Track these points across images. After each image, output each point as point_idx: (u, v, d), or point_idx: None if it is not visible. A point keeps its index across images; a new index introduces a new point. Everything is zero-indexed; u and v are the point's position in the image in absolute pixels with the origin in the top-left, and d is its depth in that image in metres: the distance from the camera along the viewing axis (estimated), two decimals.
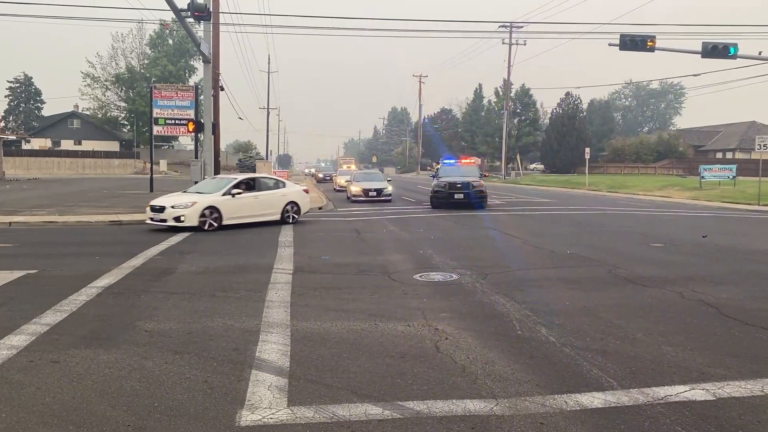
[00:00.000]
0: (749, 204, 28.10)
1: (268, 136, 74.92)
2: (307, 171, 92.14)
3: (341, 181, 37.82)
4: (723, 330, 6.66)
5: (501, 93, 77.69)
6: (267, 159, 62.59)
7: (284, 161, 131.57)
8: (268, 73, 74.61)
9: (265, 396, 4.75)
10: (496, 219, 20.27)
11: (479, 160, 59.81)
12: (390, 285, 9.11)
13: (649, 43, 23.10)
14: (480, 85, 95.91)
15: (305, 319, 7.03)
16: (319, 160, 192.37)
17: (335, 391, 4.87)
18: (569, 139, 72.42)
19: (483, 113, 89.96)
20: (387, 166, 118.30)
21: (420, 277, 9.70)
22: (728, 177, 38.23)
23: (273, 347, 5.99)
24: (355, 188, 28.84)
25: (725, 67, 26.55)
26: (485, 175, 30.11)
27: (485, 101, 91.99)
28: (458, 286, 9.01)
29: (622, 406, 4.55)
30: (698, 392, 4.78)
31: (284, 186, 18.98)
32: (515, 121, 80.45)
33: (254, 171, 37.46)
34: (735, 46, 23.20)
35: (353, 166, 59.23)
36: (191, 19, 20.55)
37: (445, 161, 28.47)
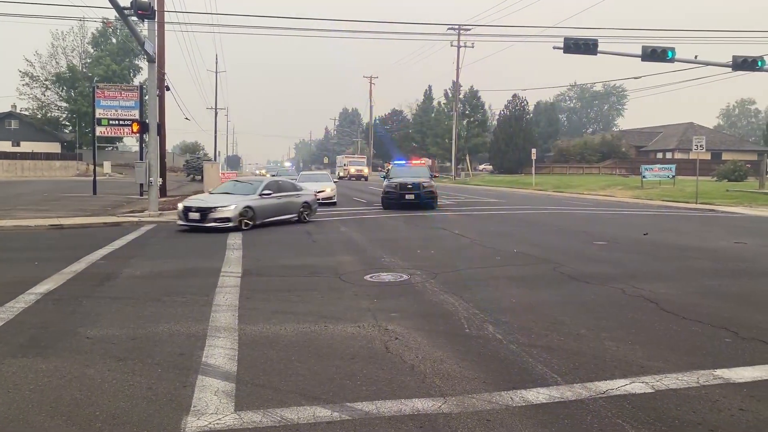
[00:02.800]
0: (687, 202, 29.22)
1: (216, 136, 73.75)
2: (257, 172, 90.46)
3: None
4: (662, 324, 6.91)
5: (450, 95, 78.63)
6: (215, 160, 61.40)
7: (233, 162, 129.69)
8: (216, 73, 73.29)
9: (211, 401, 4.67)
10: (446, 219, 20.49)
11: (430, 161, 60.28)
12: (340, 286, 9.09)
13: (592, 47, 23.74)
14: (430, 86, 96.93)
15: (253, 323, 6.95)
16: (269, 161, 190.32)
17: (284, 394, 4.83)
18: (516, 140, 73.83)
19: (433, 115, 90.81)
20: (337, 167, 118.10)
21: (370, 278, 9.72)
22: (668, 176, 39.66)
23: (220, 352, 5.90)
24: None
25: (664, 70, 27.51)
26: (435, 176, 30.37)
27: (435, 103, 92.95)
28: (408, 286, 9.06)
29: (565, 400, 4.66)
30: (638, 385, 4.94)
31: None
32: (464, 122, 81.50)
33: (201, 172, 36.60)
34: (672, 49, 24.07)
35: (365, 170, 65.05)
36: (135, 18, 19.99)
37: (396, 162, 28.62)
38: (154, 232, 16.77)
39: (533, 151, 49.47)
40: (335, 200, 26.53)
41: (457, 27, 59.87)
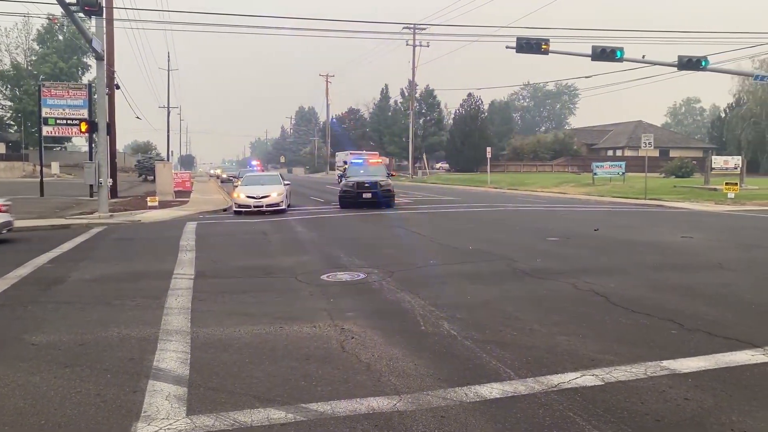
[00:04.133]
0: (637, 198, 30.05)
1: (168, 135, 72.23)
2: (212, 172, 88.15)
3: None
4: (611, 318, 7.08)
5: (407, 94, 78.92)
6: (168, 160, 60.15)
7: (187, 162, 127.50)
8: (168, 71, 71.91)
9: (162, 406, 4.57)
10: (403, 217, 20.57)
11: (387, 159, 60.41)
12: (296, 287, 9.02)
13: (543, 46, 24.17)
14: (386, 85, 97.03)
15: (207, 326, 6.83)
16: (224, 161, 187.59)
17: (237, 397, 4.77)
18: (472, 139, 74.62)
19: (390, 113, 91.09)
20: (296, 166, 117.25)
21: (327, 277, 9.67)
22: (618, 173, 40.72)
23: (172, 355, 5.78)
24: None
25: (614, 69, 28.22)
26: (392, 175, 30.45)
27: (392, 102, 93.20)
28: (365, 285, 9.06)
29: (518, 395, 4.73)
30: (588, 378, 5.05)
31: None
32: (421, 121, 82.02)
33: (153, 173, 35.76)
34: (621, 49, 24.69)
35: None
36: (81, 14, 19.41)
37: (353, 161, 28.58)
38: (104, 234, 16.34)
39: (488, 149, 50.08)
40: (283, 206, 22.55)
41: (412, 26, 60.14)
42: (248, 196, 22.20)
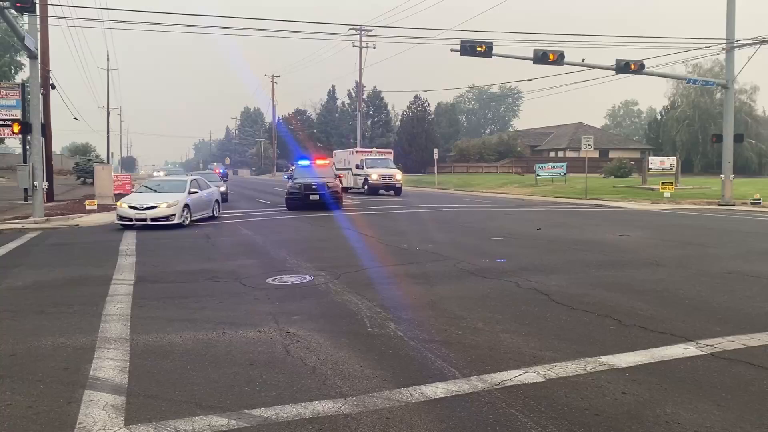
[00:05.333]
0: (578, 198, 30.90)
1: (108, 137, 70.02)
2: (155, 174, 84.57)
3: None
4: (553, 315, 7.24)
5: (354, 95, 78.99)
6: (108, 162, 58.30)
7: (128, 164, 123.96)
8: (107, 70, 69.64)
9: (98, 417, 4.41)
10: (351, 219, 20.53)
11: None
12: (241, 291, 8.87)
13: (486, 49, 24.54)
14: (333, 86, 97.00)
15: (147, 332, 6.64)
16: (167, 163, 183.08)
17: (178, 405, 4.64)
18: (419, 141, 75.25)
19: (337, 114, 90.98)
20: (242, 167, 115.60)
21: (273, 280, 9.55)
22: (560, 174, 41.77)
23: (110, 364, 5.59)
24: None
25: (555, 72, 28.98)
26: (340, 176, 30.35)
27: (339, 103, 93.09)
28: (311, 288, 8.99)
29: (463, 393, 4.77)
30: (530, 375, 5.14)
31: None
32: (369, 122, 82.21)
33: (92, 175, 34.53)
34: (562, 53, 25.33)
35: (398, 173, 36.31)
36: (13, 11, 18.61)
37: (299, 162, 28.36)
38: (39, 239, 15.70)
39: (435, 150, 50.62)
40: (174, 220, 17.68)
41: (358, 27, 60.12)
42: (131, 207, 17.90)
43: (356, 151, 40.58)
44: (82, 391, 4.93)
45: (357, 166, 37.72)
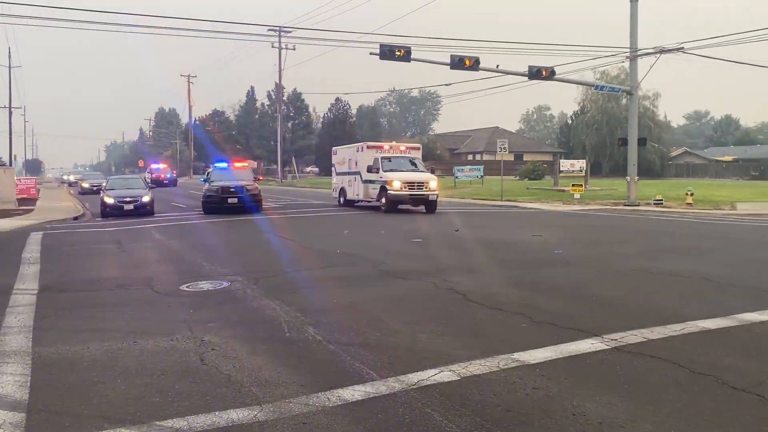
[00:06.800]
0: (494, 200, 31.80)
1: (11, 138, 65.73)
2: (65, 178, 73.39)
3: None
4: (469, 314, 7.41)
5: (274, 96, 78.03)
6: (11, 165, 54.83)
7: (33, 167, 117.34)
8: (9, 68, 65.48)
9: None
10: (271, 222, 20.26)
11: (254, 163, 59.27)
12: (153, 299, 8.56)
13: (404, 54, 24.83)
14: (252, 87, 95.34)
15: (51, 344, 6.28)
16: (76, 165, 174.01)
17: (84, 419, 4.43)
18: (341, 143, 75.07)
19: (257, 116, 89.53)
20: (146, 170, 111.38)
21: (187, 287, 9.27)
22: (477, 176, 42.89)
23: (9, 379, 5.25)
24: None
25: (472, 78, 29.75)
26: (259, 179, 29.85)
27: (258, 104, 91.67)
28: (228, 294, 8.79)
29: (380, 395, 4.80)
30: (446, 374, 5.24)
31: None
32: (289, 124, 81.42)
33: None
34: (477, 59, 25.99)
35: (431, 180, 24.18)
36: None
37: (217, 164, 27.67)
38: None
39: None
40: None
41: (277, 28, 59.47)
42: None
43: (368, 147, 26.75)
44: None
45: (369, 169, 24.59)
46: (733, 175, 67.20)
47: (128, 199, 22.62)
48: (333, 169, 30.21)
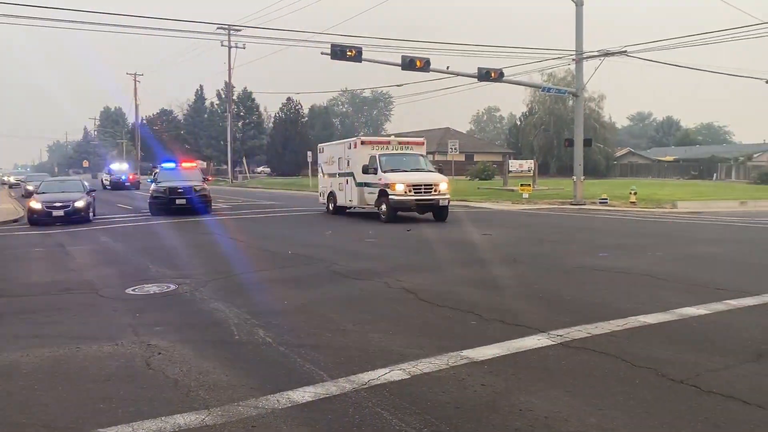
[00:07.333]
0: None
1: None
2: (6, 179, 69.73)
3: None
4: (419, 313, 7.48)
5: (223, 95, 76.89)
6: None
7: None
8: None
9: None
10: (221, 223, 19.96)
11: (203, 163, 58.25)
12: (98, 303, 8.33)
13: (356, 54, 24.82)
14: (201, 86, 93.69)
15: None
16: (16, 166, 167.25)
17: (23, 428, 4.28)
18: (293, 143, 74.76)
19: (206, 115, 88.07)
20: (102, 171, 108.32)
21: (133, 290, 9.05)
22: None
23: None
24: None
25: (423, 79, 29.97)
26: (208, 179, 29.34)
27: (208, 103, 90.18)
28: (176, 297, 8.62)
29: (330, 396, 4.80)
30: (396, 373, 5.27)
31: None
32: (240, 124, 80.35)
33: None
34: (428, 60, 26.19)
35: (441, 181, 20.26)
36: None
37: (164, 165, 27.07)
38: None
39: (309, 153, 50.41)
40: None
41: (227, 27, 58.61)
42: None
43: (362, 142, 22.01)
44: None
45: (365, 169, 20.45)
46: (674, 174, 69.71)
47: (58, 205, 19.95)
48: (319, 169, 25.87)
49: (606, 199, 28.52)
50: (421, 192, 19.38)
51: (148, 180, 29.96)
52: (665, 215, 23.38)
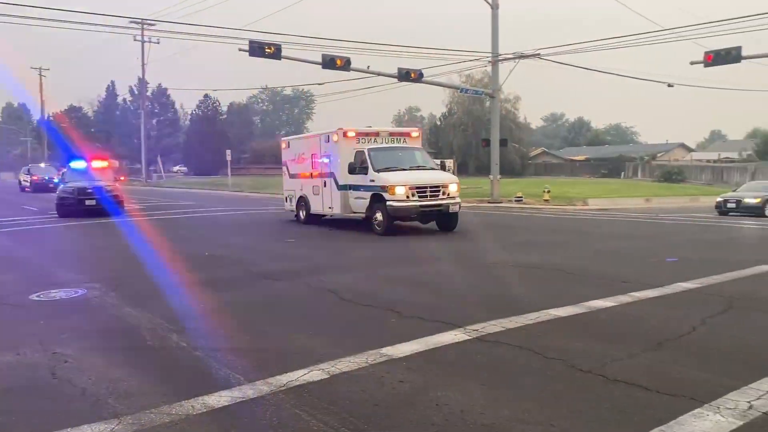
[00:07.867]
0: None
1: None
2: None
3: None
4: (340, 312, 7.48)
5: (137, 92, 74.03)
6: None
7: None
8: None
9: None
10: (134, 225, 19.20)
11: (116, 162, 55.77)
12: None
13: (275, 51, 24.49)
14: (113, 82, 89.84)
15: None
16: None
17: None
18: (211, 141, 72.91)
19: (118, 113, 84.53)
20: (5, 170, 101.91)
21: (38, 296, 8.56)
22: None
23: None
24: None
25: (345, 78, 29.86)
26: (121, 179, 28.15)
27: (120, 100, 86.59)
28: (84, 302, 8.23)
29: (247, 399, 4.71)
30: (315, 373, 5.24)
31: None
32: (154, 121, 77.65)
33: None
34: (349, 59, 26.19)
35: (449, 182, 16.40)
36: None
37: (72, 164, 25.73)
38: None
39: (228, 152, 49.34)
40: None
41: (140, 21, 56.45)
42: None
43: (345, 134, 17.59)
44: None
45: (352, 168, 16.41)
46: (585, 173, 72.85)
47: None
48: (284, 169, 21.08)
49: (521, 197, 29.49)
50: (426, 196, 15.52)
51: (56, 180, 28.40)
52: (577, 212, 24.45)
